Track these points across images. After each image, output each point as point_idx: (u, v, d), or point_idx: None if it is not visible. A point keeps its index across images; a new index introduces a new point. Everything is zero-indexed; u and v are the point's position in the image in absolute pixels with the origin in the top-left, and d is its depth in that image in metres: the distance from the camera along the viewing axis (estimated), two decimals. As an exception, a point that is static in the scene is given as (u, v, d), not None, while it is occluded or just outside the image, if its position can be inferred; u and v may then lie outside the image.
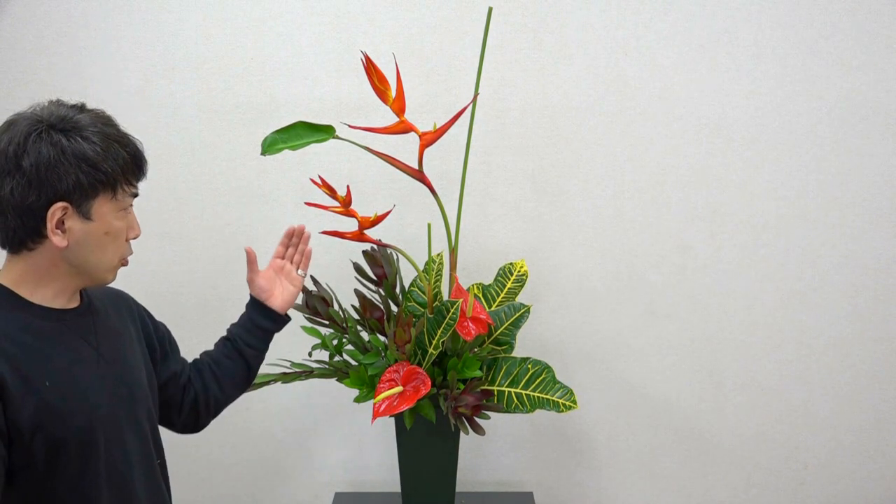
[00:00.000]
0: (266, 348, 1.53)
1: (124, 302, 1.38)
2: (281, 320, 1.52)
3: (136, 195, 1.21)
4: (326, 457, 2.10)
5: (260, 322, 1.50)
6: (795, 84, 1.94)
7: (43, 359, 1.15)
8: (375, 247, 1.74)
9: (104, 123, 1.17)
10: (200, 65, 1.96)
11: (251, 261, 1.51)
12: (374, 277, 1.74)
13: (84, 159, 1.12)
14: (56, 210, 1.12)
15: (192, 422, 1.48)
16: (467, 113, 1.62)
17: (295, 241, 1.56)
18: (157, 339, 1.42)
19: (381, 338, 1.72)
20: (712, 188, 1.98)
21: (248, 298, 1.51)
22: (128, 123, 1.89)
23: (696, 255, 2.00)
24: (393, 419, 1.75)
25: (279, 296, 1.52)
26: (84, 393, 1.17)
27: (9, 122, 1.16)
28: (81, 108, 1.18)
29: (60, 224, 1.14)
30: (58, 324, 1.19)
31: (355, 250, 1.78)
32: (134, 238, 1.23)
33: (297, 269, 1.55)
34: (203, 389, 1.47)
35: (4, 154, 1.12)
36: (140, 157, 1.20)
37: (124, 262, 1.24)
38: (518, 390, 1.67)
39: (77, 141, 1.13)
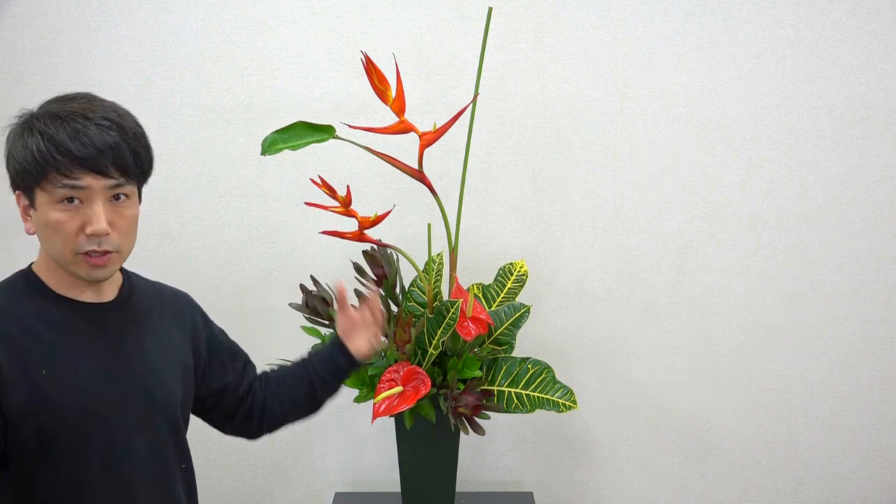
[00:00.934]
0: (336, 384, 1.47)
1: (181, 305, 1.35)
2: (354, 363, 1.47)
3: (76, 187, 1.12)
4: (326, 457, 2.10)
5: (335, 356, 1.46)
6: (795, 84, 1.94)
7: (47, 347, 1.14)
8: (375, 247, 1.74)
9: (56, 113, 1.14)
10: (200, 65, 1.96)
11: (340, 298, 1.47)
12: (374, 277, 1.74)
13: (21, 149, 1.13)
14: (18, 197, 1.17)
15: (247, 431, 1.45)
16: (467, 113, 1.62)
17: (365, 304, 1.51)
18: (210, 349, 1.38)
19: (381, 338, 1.72)
20: (712, 188, 1.98)
21: (248, 300, 1.51)
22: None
23: (696, 255, 2.00)
24: (393, 419, 1.75)
25: (357, 341, 1.46)
26: (84, 387, 1.15)
27: None
28: (66, 97, 1.17)
29: (26, 210, 1.17)
30: (76, 315, 1.18)
31: (355, 250, 1.78)
32: (93, 233, 1.14)
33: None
34: (261, 404, 1.44)
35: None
36: (68, 149, 1.11)
37: (95, 260, 1.16)
38: (518, 390, 1.67)
39: (26, 132, 1.14)
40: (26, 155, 1.12)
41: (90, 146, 1.12)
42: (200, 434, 1.52)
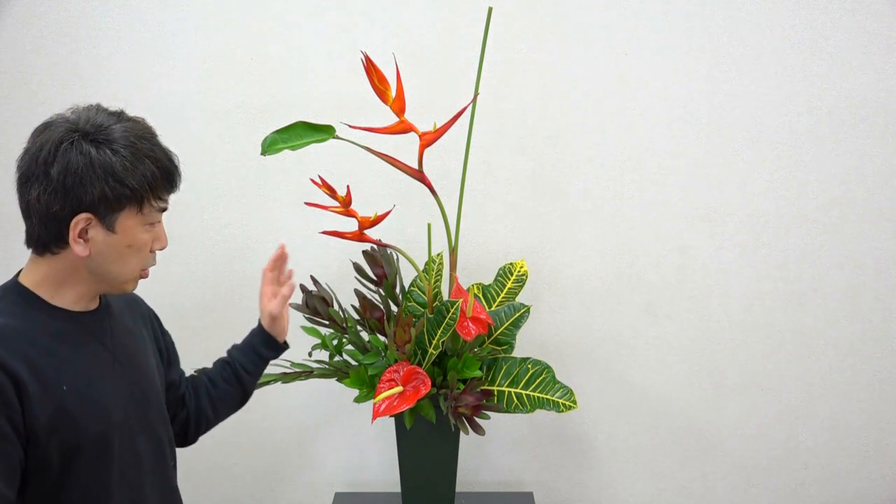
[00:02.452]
0: (262, 373, 1.53)
1: (137, 305, 1.37)
2: (281, 349, 1.52)
3: (164, 209, 1.19)
4: (326, 457, 2.10)
5: (261, 350, 1.49)
6: (795, 84, 1.94)
7: (61, 362, 1.14)
8: (375, 247, 1.74)
9: (137, 136, 1.14)
10: (200, 65, 1.96)
11: (267, 282, 1.50)
12: (374, 277, 1.74)
13: (111, 173, 1.10)
14: (79, 220, 1.11)
15: (181, 437, 1.46)
16: (467, 113, 1.62)
17: (280, 264, 1.53)
18: (165, 345, 1.41)
19: (381, 338, 1.72)
20: (712, 188, 1.98)
21: (247, 300, 1.51)
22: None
23: (696, 255, 2.00)
24: (393, 419, 1.75)
25: (282, 323, 1.51)
26: (100, 397, 1.16)
27: (45, 125, 1.15)
28: (119, 115, 1.16)
29: (83, 233, 1.12)
30: (76, 326, 1.18)
31: (355, 250, 1.78)
32: (160, 249, 1.21)
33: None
34: (196, 409, 1.45)
35: (35, 159, 1.11)
36: (170, 172, 1.17)
37: (144, 274, 1.22)
38: (518, 390, 1.67)
39: (106, 153, 1.11)
40: (110, 180, 1.10)
41: (175, 168, 1.18)
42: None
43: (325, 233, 1.68)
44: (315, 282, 1.74)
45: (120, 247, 1.15)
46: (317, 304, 1.69)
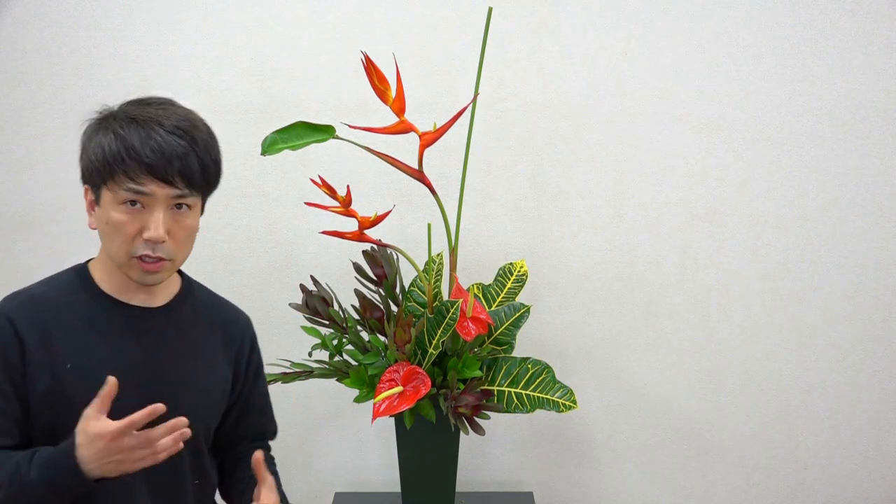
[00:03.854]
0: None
1: (233, 326, 1.33)
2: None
3: (139, 192, 1.14)
4: (326, 457, 2.10)
5: None
6: (795, 84, 1.94)
7: (76, 342, 1.16)
8: (375, 247, 1.74)
9: (132, 116, 1.15)
10: (200, 65, 1.96)
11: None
12: (374, 277, 1.74)
13: (93, 146, 1.15)
14: (85, 191, 1.19)
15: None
16: (467, 113, 1.62)
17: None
18: (243, 389, 1.34)
19: (381, 338, 1.72)
20: (712, 188, 1.98)
21: (248, 300, 1.50)
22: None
23: (696, 255, 2.00)
24: (393, 419, 1.75)
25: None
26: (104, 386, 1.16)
27: None
28: (146, 101, 1.20)
29: (92, 206, 1.18)
30: (115, 315, 1.20)
31: (355, 250, 1.78)
32: (149, 239, 1.15)
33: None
34: (223, 470, 1.41)
35: None
36: (138, 154, 1.12)
37: (147, 267, 1.17)
38: (518, 390, 1.67)
39: (101, 130, 1.16)
40: (98, 152, 1.14)
41: (158, 153, 1.13)
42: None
43: (325, 233, 1.68)
44: (315, 282, 1.74)
45: (102, 222, 1.17)
46: (317, 304, 1.69)
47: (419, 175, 1.62)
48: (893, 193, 1.96)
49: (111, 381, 1.06)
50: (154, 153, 1.13)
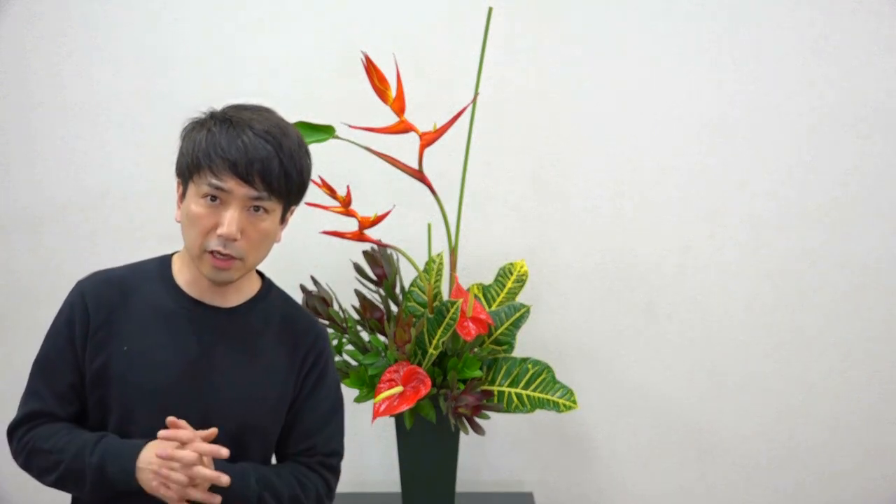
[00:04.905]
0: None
1: (304, 339, 1.31)
2: None
3: (219, 188, 1.16)
4: (326, 457, 2.10)
5: None
6: (795, 84, 1.93)
7: (136, 329, 1.21)
8: (375, 247, 1.74)
9: (228, 117, 1.20)
10: (200, 64, 1.96)
11: None
12: (374, 277, 1.74)
13: (188, 141, 1.20)
14: (177, 184, 1.23)
15: None
16: (467, 113, 1.62)
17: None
18: (303, 403, 1.31)
19: (381, 338, 1.72)
20: (712, 188, 1.98)
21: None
22: (128, 123, 1.89)
23: (696, 255, 2.00)
24: (393, 419, 1.75)
25: None
26: (151, 380, 1.20)
27: None
28: (245, 106, 1.25)
29: (181, 199, 1.22)
30: (182, 309, 1.24)
31: (355, 250, 1.78)
32: (225, 236, 1.17)
33: None
34: None
35: None
36: (226, 152, 1.15)
37: (218, 263, 1.18)
38: (518, 390, 1.67)
39: (199, 127, 1.21)
40: (189, 147, 1.19)
41: (242, 152, 1.17)
42: (200, 434, 1.52)
43: (325, 233, 1.68)
44: (315, 282, 1.74)
45: (183, 215, 1.21)
46: (317, 304, 1.70)
47: (419, 175, 1.62)
48: (893, 193, 1.96)
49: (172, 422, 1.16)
50: (238, 151, 1.17)
